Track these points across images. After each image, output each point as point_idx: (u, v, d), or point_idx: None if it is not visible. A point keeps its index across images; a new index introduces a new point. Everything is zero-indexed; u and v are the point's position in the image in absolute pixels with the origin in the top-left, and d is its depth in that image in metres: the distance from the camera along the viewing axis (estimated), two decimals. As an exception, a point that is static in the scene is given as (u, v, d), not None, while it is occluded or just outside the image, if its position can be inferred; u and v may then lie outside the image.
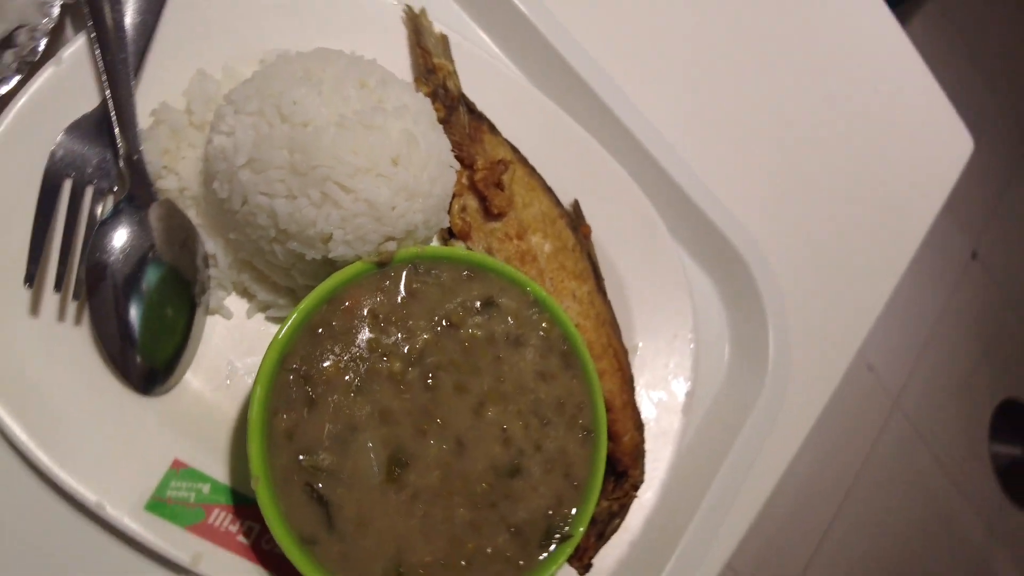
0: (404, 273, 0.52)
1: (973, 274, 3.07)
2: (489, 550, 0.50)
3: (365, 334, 0.50)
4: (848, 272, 0.96)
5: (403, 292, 0.52)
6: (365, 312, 0.50)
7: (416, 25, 0.64)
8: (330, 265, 0.51)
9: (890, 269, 1.01)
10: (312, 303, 0.48)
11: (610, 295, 0.69)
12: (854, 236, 0.99)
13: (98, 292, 0.50)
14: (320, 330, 0.49)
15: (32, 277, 0.48)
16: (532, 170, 0.68)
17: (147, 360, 0.52)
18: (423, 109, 0.53)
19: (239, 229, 0.51)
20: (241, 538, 0.51)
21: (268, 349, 0.47)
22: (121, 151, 0.52)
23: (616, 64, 0.74)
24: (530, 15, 0.67)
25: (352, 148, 0.47)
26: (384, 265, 0.51)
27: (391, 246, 0.51)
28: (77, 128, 0.53)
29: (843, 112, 1.03)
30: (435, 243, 0.62)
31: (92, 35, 0.52)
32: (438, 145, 0.53)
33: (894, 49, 1.13)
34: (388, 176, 0.49)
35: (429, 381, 0.51)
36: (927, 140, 1.13)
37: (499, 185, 0.64)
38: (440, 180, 0.53)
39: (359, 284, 0.50)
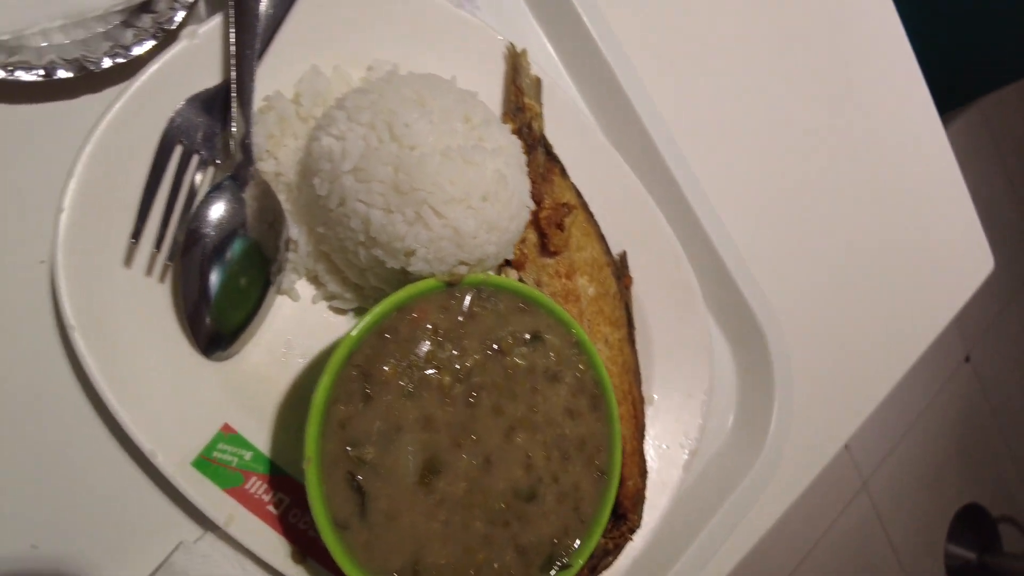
0: (468, 296, 0.56)
1: (962, 377, 3.13)
2: (496, 564, 0.54)
3: (425, 345, 0.54)
4: (852, 364, 1.01)
5: (464, 313, 0.56)
6: (429, 325, 0.54)
7: (516, 63, 0.69)
8: (403, 275, 0.55)
9: (890, 370, 1.05)
10: (386, 309, 0.52)
11: (638, 345, 0.73)
12: (865, 330, 1.03)
13: (189, 255, 0.54)
14: (387, 335, 0.53)
15: (138, 233, 0.52)
16: (591, 216, 0.72)
17: (217, 324, 0.56)
18: (515, 152, 0.57)
19: (329, 225, 0.55)
20: (271, 508, 0.55)
21: (340, 343, 0.51)
22: (234, 131, 0.56)
23: (687, 132, 0.78)
24: (621, 78, 0.71)
25: (451, 179, 0.51)
26: (453, 285, 0.55)
27: (463, 270, 0.55)
28: (197, 100, 0.57)
29: (875, 208, 1.07)
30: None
31: (230, 19, 0.56)
32: (522, 187, 0.57)
33: (936, 156, 1.18)
34: (476, 209, 0.53)
35: (471, 399, 0.55)
36: (950, 251, 1.18)
37: (560, 226, 0.68)
38: (517, 218, 0.58)
39: (428, 298, 0.55)
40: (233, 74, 0.56)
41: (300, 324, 0.60)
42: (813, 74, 1.01)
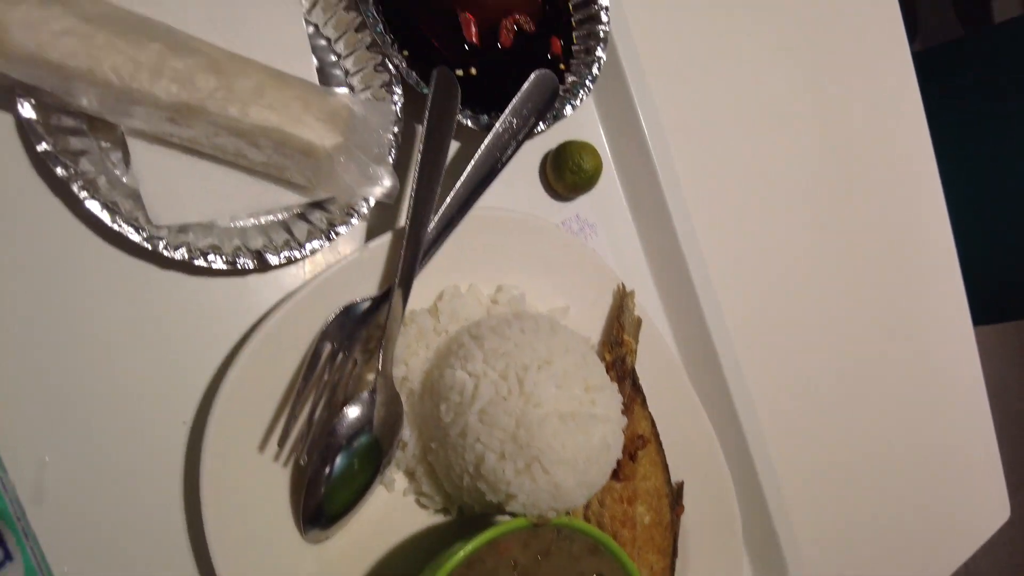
0: (549, 536, 0.62)
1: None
2: None
3: (503, 578, 0.59)
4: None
5: (542, 551, 0.61)
6: (511, 560, 0.60)
7: (623, 302, 0.76)
8: (497, 507, 0.61)
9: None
10: (478, 544, 0.58)
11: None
12: (877, 555, 1.07)
13: (321, 447, 0.60)
14: (473, 564, 0.58)
15: (284, 439, 0.58)
16: (660, 448, 0.78)
17: (326, 507, 0.61)
18: (620, 420, 0.64)
19: (443, 446, 0.62)
20: None
21: (437, 572, 0.56)
22: (382, 356, 0.62)
23: (758, 375, 0.85)
24: (713, 334, 0.79)
25: (563, 442, 0.58)
26: (539, 526, 0.61)
27: (551, 515, 0.61)
28: (353, 309, 0.64)
29: (905, 433, 1.13)
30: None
31: (403, 247, 0.63)
32: (617, 450, 0.64)
33: (970, 393, 1.24)
34: (579, 472, 0.59)
35: (532, 634, 0.60)
36: (969, 491, 1.22)
37: (632, 457, 0.74)
38: (606, 473, 0.64)
39: (514, 534, 0.60)
40: (395, 293, 0.63)
41: (386, 513, 0.66)
42: (860, 285, 1.09)
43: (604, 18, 0.79)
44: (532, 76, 0.70)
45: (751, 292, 0.93)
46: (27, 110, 0.55)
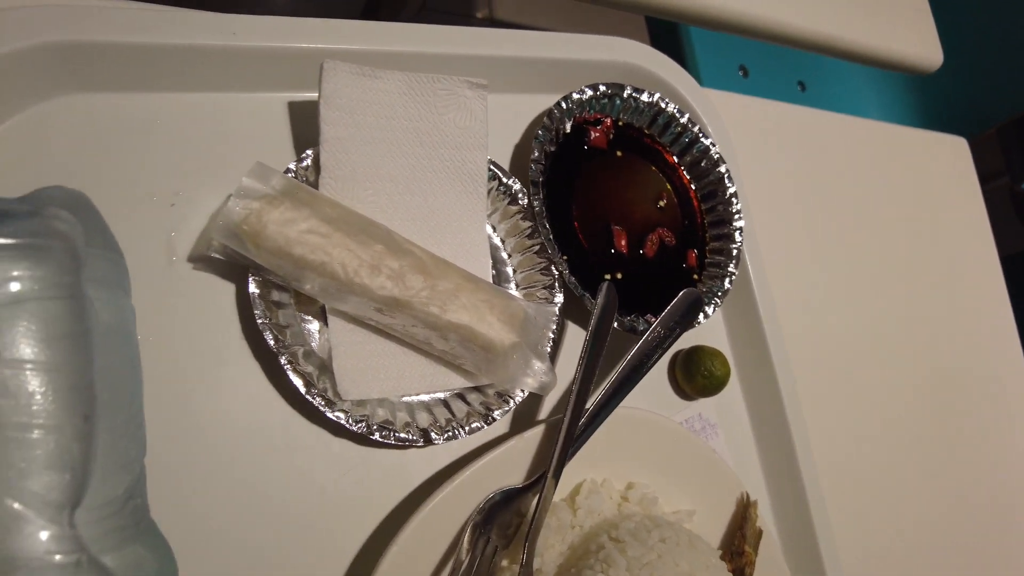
0: None
1: None
2: None
3: None
4: None
5: None
6: None
7: (746, 512, 0.78)
8: None
9: None
10: None
11: None
12: None
13: (456, 638, 0.61)
14: None
15: (437, 623, 0.60)
16: (772, 670, 0.76)
17: None
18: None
19: (579, 654, 0.62)
20: None
21: None
22: (527, 550, 0.64)
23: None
24: (824, 556, 0.79)
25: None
26: None
27: None
28: (501, 493, 0.67)
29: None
30: None
31: (558, 439, 0.67)
32: None
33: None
34: None
35: None
36: None
37: (748, 677, 0.72)
38: None
39: None
40: (547, 484, 0.66)
41: None
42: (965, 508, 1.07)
43: (738, 238, 0.87)
44: (681, 293, 0.77)
45: (862, 513, 0.93)
46: (253, 286, 0.63)
